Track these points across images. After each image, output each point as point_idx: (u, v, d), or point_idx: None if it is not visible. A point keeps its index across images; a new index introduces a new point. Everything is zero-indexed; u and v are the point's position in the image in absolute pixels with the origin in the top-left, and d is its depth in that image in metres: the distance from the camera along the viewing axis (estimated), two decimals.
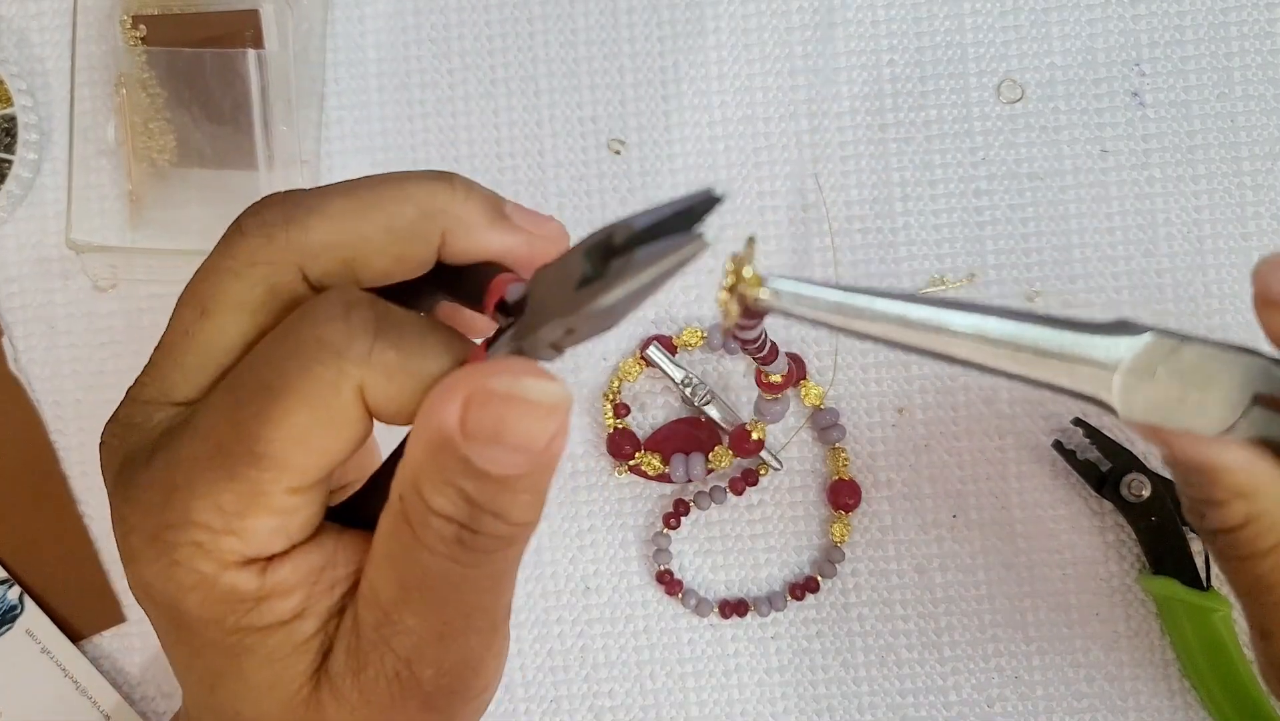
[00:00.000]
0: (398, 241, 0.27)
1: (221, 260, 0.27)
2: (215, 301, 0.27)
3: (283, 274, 0.27)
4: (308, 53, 0.50)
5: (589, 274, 0.22)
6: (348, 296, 0.25)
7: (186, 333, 0.27)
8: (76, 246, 0.48)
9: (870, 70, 0.50)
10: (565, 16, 0.51)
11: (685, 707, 0.50)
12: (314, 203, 0.27)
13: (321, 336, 0.24)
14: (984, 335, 0.22)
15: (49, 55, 0.52)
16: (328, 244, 0.26)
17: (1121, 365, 0.22)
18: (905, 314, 0.22)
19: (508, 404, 0.24)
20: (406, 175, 0.28)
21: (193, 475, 0.25)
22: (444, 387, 0.24)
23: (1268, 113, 0.49)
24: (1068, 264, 0.49)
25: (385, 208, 0.27)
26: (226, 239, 0.27)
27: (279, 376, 0.24)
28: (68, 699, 0.50)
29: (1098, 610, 0.49)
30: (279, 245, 0.26)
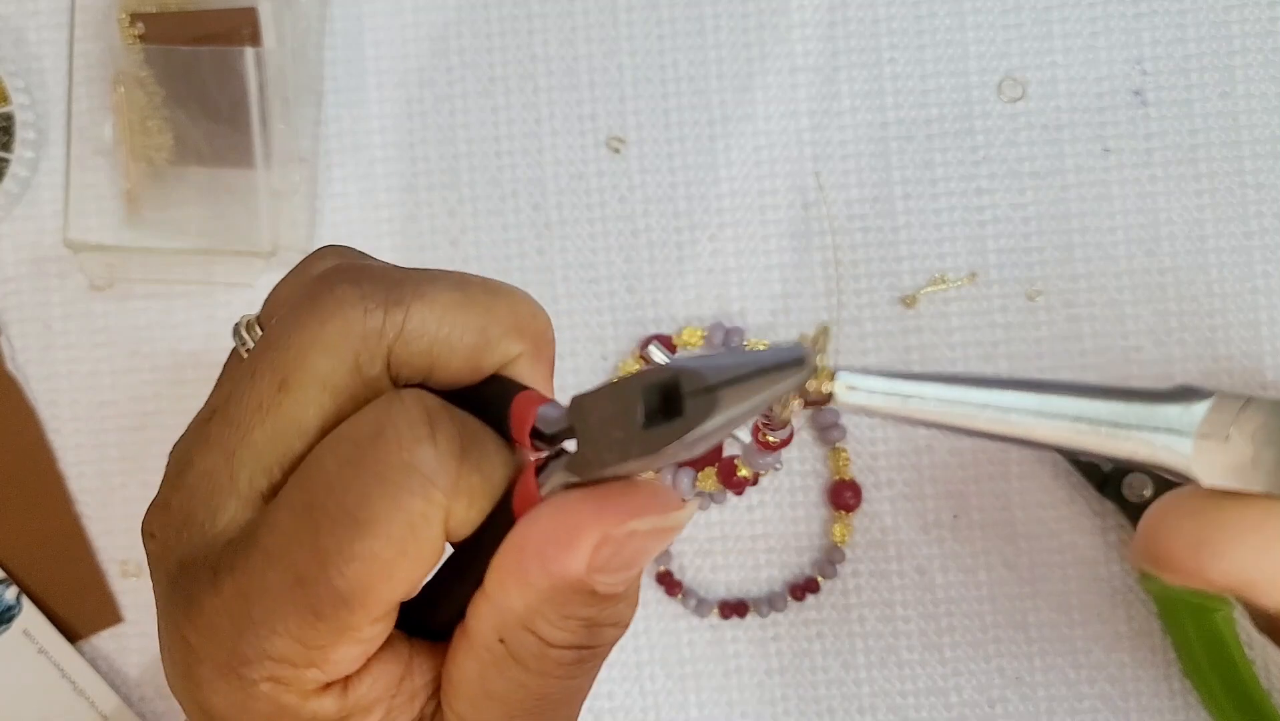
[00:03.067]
0: (485, 350, 0.25)
1: (310, 329, 0.24)
2: (298, 376, 0.24)
3: (373, 357, 0.24)
4: (306, 50, 0.50)
5: (652, 412, 0.21)
6: (428, 408, 0.23)
7: (259, 406, 0.24)
8: (73, 245, 0.48)
9: (871, 68, 0.50)
10: (564, 14, 0.50)
11: (685, 708, 0.50)
12: (420, 286, 0.24)
13: (410, 462, 0.22)
14: (1061, 417, 0.22)
15: (46, 53, 0.52)
16: (423, 334, 0.24)
17: (1193, 431, 0.22)
18: (984, 406, 0.22)
19: (649, 537, 0.23)
20: (510, 289, 0.26)
21: (272, 610, 0.23)
22: (557, 536, 0.22)
23: (1270, 111, 0.49)
24: (1069, 263, 0.49)
25: (490, 312, 0.25)
26: (317, 302, 0.24)
27: (365, 507, 0.22)
28: (65, 699, 0.50)
29: (1099, 610, 0.49)
30: (376, 325, 0.24)
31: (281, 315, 0.25)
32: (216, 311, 0.51)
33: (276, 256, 0.47)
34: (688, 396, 0.21)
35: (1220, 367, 0.49)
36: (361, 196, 0.51)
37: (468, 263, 0.50)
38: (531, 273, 0.50)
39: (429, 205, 0.51)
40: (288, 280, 0.27)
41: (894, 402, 0.22)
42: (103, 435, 0.51)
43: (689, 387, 0.21)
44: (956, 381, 0.22)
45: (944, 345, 0.49)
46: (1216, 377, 0.49)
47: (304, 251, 0.50)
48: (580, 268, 0.50)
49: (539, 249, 0.50)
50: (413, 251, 0.51)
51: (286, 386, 0.24)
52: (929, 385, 0.22)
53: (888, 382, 0.22)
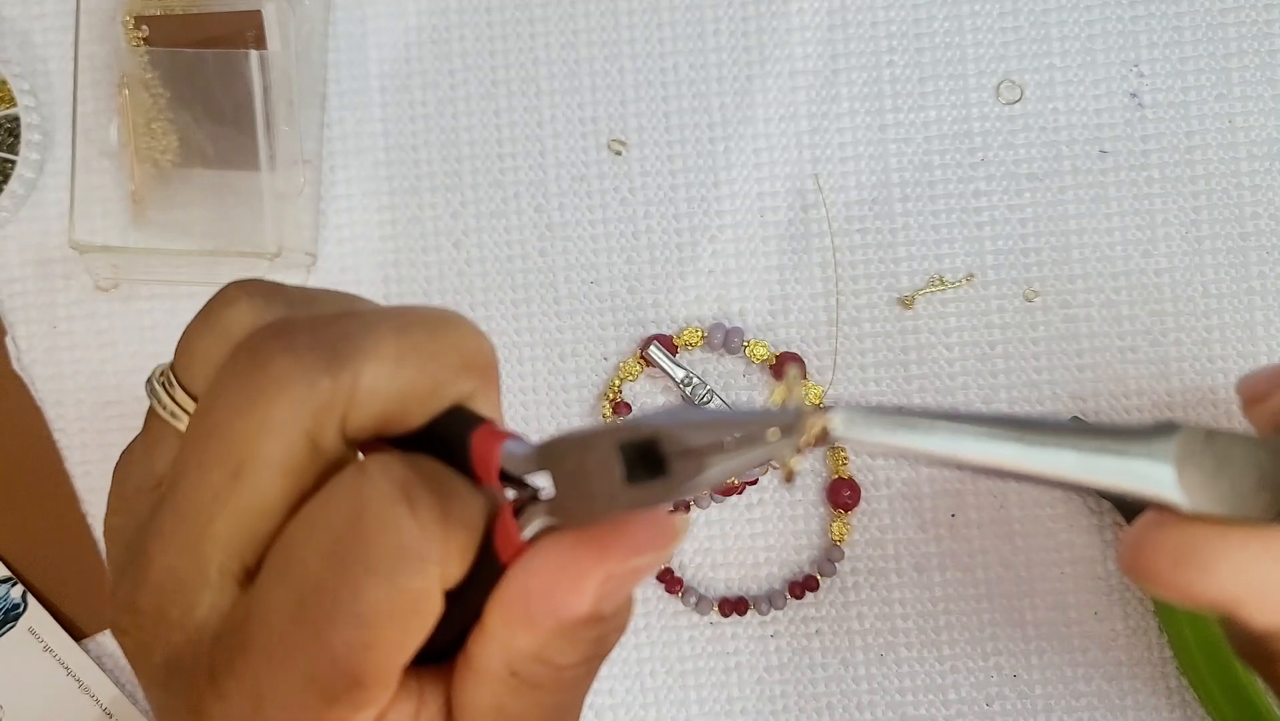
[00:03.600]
0: (438, 395, 0.23)
1: (254, 414, 0.22)
2: (252, 463, 0.22)
3: (325, 429, 0.22)
4: (310, 53, 0.50)
5: (632, 465, 0.21)
6: (399, 479, 0.22)
7: (215, 498, 0.22)
8: (79, 246, 0.48)
9: (870, 71, 0.50)
10: (566, 18, 0.51)
11: (685, 705, 0.50)
12: (362, 340, 0.22)
13: (398, 546, 0.21)
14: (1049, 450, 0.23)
15: (52, 56, 0.52)
16: (374, 395, 0.22)
17: (1173, 462, 0.23)
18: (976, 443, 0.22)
19: (652, 566, 0.22)
20: (454, 316, 0.24)
21: (286, 709, 0.22)
22: (561, 582, 0.22)
23: (1265, 113, 0.49)
24: (1066, 264, 0.49)
25: (437, 356, 0.23)
26: (254, 380, 0.22)
27: (362, 599, 0.21)
28: (70, 696, 0.51)
29: (1096, 609, 0.49)
30: (325, 396, 0.22)
31: (215, 390, 0.23)
32: None
33: (281, 258, 0.47)
34: (673, 456, 0.21)
35: (1216, 368, 0.49)
36: (365, 198, 0.51)
37: (470, 264, 0.51)
38: (533, 274, 0.51)
39: (432, 207, 0.51)
40: (201, 331, 0.24)
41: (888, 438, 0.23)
42: (108, 435, 0.52)
43: (673, 447, 0.21)
44: (950, 419, 0.22)
45: (942, 345, 0.49)
46: (1212, 377, 0.49)
47: (308, 252, 0.50)
48: (581, 269, 0.51)
49: (541, 250, 0.51)
50: (416, 253, 0.51)
51: (240, 474, 0.22)
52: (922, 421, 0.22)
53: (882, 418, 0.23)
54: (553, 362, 0.51)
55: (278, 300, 0.25)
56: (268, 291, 0.25)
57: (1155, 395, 0.49)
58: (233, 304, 0.24)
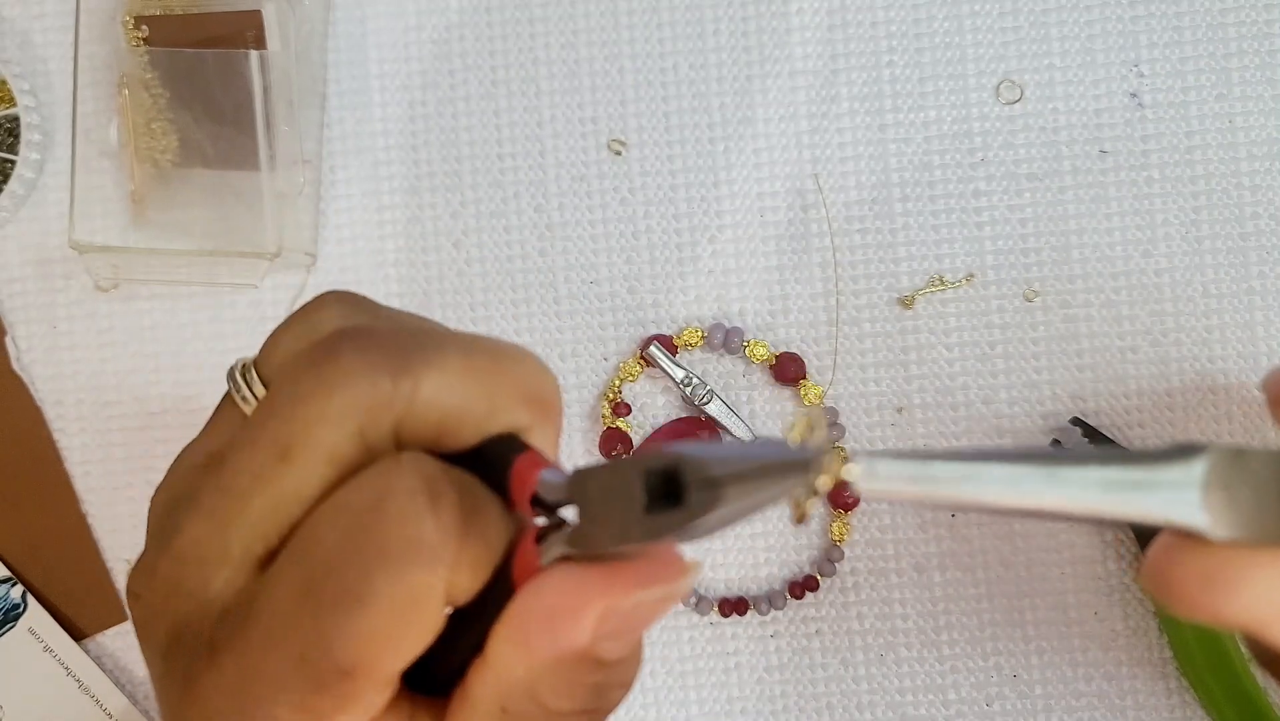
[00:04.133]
0: (493, 419, 0.24)
1: (315, 401, 0.23)
2: (302, 448, 0.23)
3: (379, 429, 0.23)
4: (309, 53, 0.50)
5: (654, 494, 0.21)
6: (428, 475, 0.22)
7: (259, 477, 0.23)
8: (79, 246, 0.48)
9: (869, 71, 0.50)
10: (566, 18, 0.51)
11: (685, 705, 0.50)
12: (430, 353, 0.23)
13: (413, 537, 0.22)
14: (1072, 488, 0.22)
15: (52, 56, 0.52)
16: (432, 405, 0.23)
17: (1198, 486, 0.23)
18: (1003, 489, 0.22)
19: (655, 605, 0.22)
20: (523, 351, 0.25)
21: (274, 687, 0.22)
22: (561, 607, 0.22)
23: (1265, 113, 0.49)
24: (1066, 264, 0.49)
25: (498, 381, 0.24)
26: (322, 371, 0.23)
27: (366, 582, 0.21)
28: (70, 697, 0.51)
29: (1096, 609, 0.49)
30: (384, 397, 0.23)
31: (284, 378, 0.24)
32: (221, 312, 0.51)
33: (281, 258, 0.47)
34: (691, 486, 0.21)
35: (1216, 368, 0.49)
36: (365, 198, 0.51)
37: (470, 264, 0.51)
38: (533, 274, 0.51)
39: (432, 207, 0.51)
40: (290, 329, 0.26)
41: (910, 487, 0.22)
42: (108, 435, 0.52)
43: (692, 476, 0.21)
44: (969, 459, 0.22)
45: (942, 345, 0.49)
46: (1212, 377, 0.49)
47: (308, 252, 0.50)
48: (581, 269, 0.51)
49: (541, 250, 0.51)
50: (416, 253, 0.51)
51: (289, 458, 0.23)
52: (942, 466, 0.22)
53: (903, 466, 0.22)
54: (553, 362, 0.51)
55: (365, 309, 0.26)
56: (358, 301, 0.26)
57: (1155, 395, 0.49)
58: (323, 307, 0.25)
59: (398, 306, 0.50)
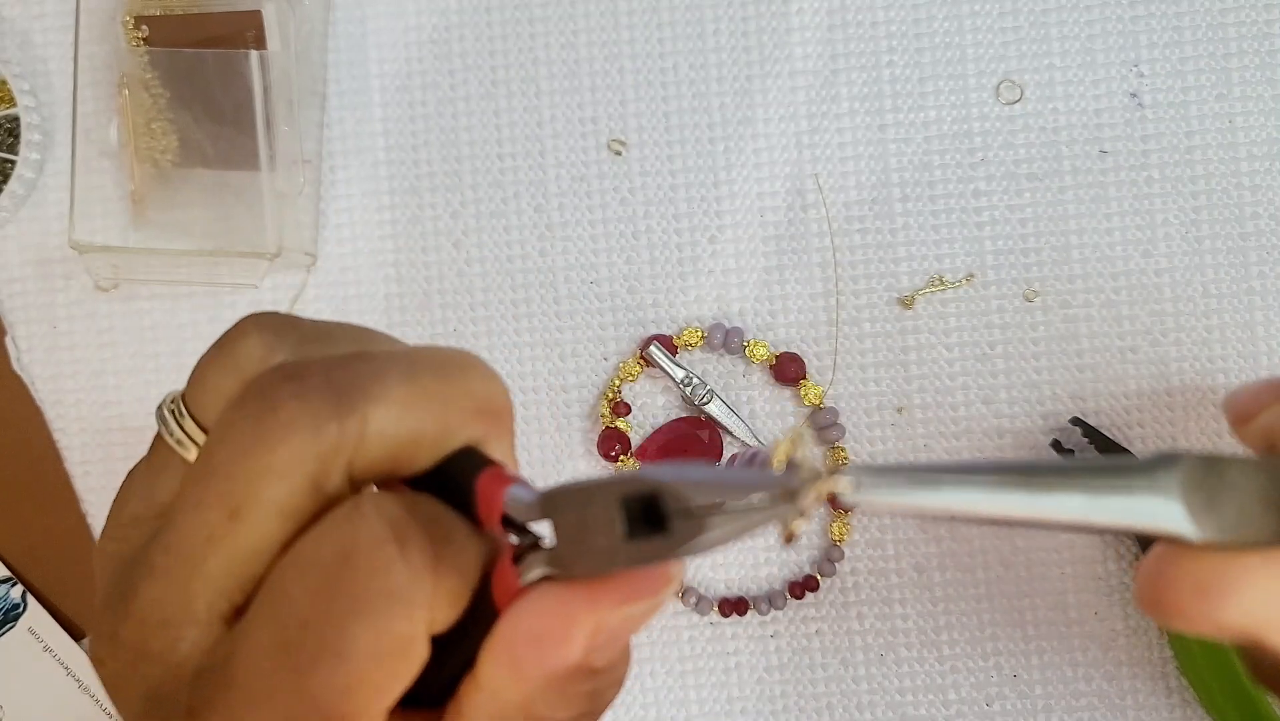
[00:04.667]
0: (447, 440, 0.23)
1: (258, 455, 0.22)
2: (251, 505, 0.22)
3: (330, 474, 0.22)
4: (309, 53, 0.50)
5: (634, 520, 0.21)
6: (392, 519, 0.22)
7: (210, 538, 0.22)
8: (79, 247, 0.48)
9: (869, 71, 0.50)
10: (566, 18, 0.51)
11: (685, 705, 0.50)
12: (371, 384, 0.22)
13: (386, 587, 0.21)
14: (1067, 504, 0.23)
15: (52, 56, 0.52)
16: (381, 440, 0.22)
17: (1178, 493, 0.23)
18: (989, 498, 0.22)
19: (644, 615, 0.22)
20: (467, 358, 0.24)
21: None
22: (551, 629, 0.22)
23: (1265, 113, 0.49)
24: (1066, 264, 0.49)
25: (447, 401, 0.23)
26: (261, 423, 0.22)
27: (345, 640, 0.21)
28: (70, 697, 0.51)
29: (1096, 609, 0.49)
30: (331, 443, 0.22)
31: (222, 430, 0.23)
32: (221, 312, 0.51)
33: (281, 258, 0.47)
34: (673, 515, 0.21)
35: (1216, 368, 0.49)
36: (365, 198, 0.51)
37: (470, 264, 0.51)
38: (533, 274, 0.51)
39: (432, 207, 0.51)
40: (213, 363, 0.24)
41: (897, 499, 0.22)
42: (108, 435, 0.52)
43: (675, 504, 0.21)
44: (956, 471, 0.22)
45: (941, 346, 0.49)
46: (1212, 377, 0.49)
47: (308, 252, 0.50)
48: (581, 269, 0.51)
49: (541, 250, 0.51)
50: (415, 253, 0.51)
51: (239, 516, 0.22)
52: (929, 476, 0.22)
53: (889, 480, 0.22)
54: (553, 363, 0.51)
55: (290, 335, 0.24)
56: (280, 326, 0.25)
57: (1155, 395, 0.49)
58: (245, 336, 0.24)
59: (398, 307, 0.50)
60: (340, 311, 0.51)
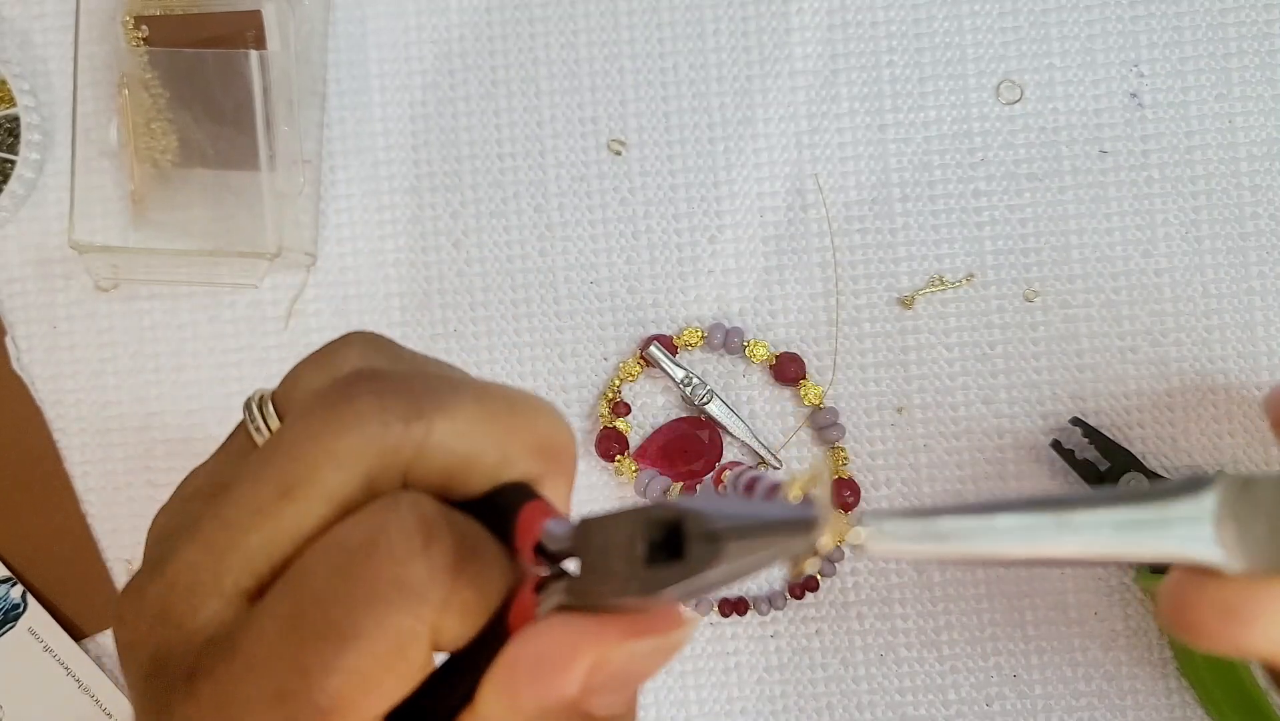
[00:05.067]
0: (504, 469, 0.24)
1: (324, 441, 0.22)
2: (306, 487, 0.22)
3: (388, 473, 0.23)
4: (309, 53, 0.50)
5: (655, 548, 0.21)
6: (425, 516, 0.22)
7: (259, 511, 0.22)
8: (79, 247, 0.48)
9: (869, 71, 0.50)
10: (566, 18, 0.51)
11: (685, 705, 0.50)
12: (444, 397, 0.23)
13: (402, 579, 0.21)
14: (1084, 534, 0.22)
15: (52, 56, 0.52)
16: (442, 453, 0.23)
17: (1210, 520, 0.23)
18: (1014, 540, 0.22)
19: (649, 658, 0.22)
20: (540, 401, 0.25)
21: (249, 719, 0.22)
22: (550, 657, 0.22)
23: (1265, 113, 0.49)
24: (1066, 264, 0.49)
25: (512, 431, 0.24)
26: (334, 412, 0.23)
27: (351, 621, 0.21)
28: (70, 697, 0.51)
29: (1096, 609, 0.49)
30: (395, 442, 0.22)
31: (297, 414, 0.23)
32: (221, 312, 0.51)
33: (281, 258, 0.47)
34: (692, 539, 0.21)
35: (1216, 368, 0.49)
36: (365, 198, 0.51)
37: (470, 264, 0.51)
38: (533, 274, 0.51)
39: (432, 207, 0.51)
40: (311, 364, 0.25)
41: (919, 546, 0.22)
42: (108, 435, 0.52)
43: (694, 530, 0.21)
44: (978, 511, 0.22)
45: (941, 346, 0.49)
46: (1212, 377, 0.49)
47: (308, 252, 0.50)
48: (581, 269, 0.51)
49: (541, 250, 0.51)
50: (416, 253, 0.51)
51: (291, 495, 0.22)
52: (951, 520, 0.22)
53: (911, 525, 0.22)
54: (553, 363, 0.51)
55: (387, 351, 0.26)
56: (381, 343, 0.26)
57: (1155, 395, 0.49)
58: (346, 345, 0.25)
59: (398, 307, 0.50)
60: (340, 311, 0.51)
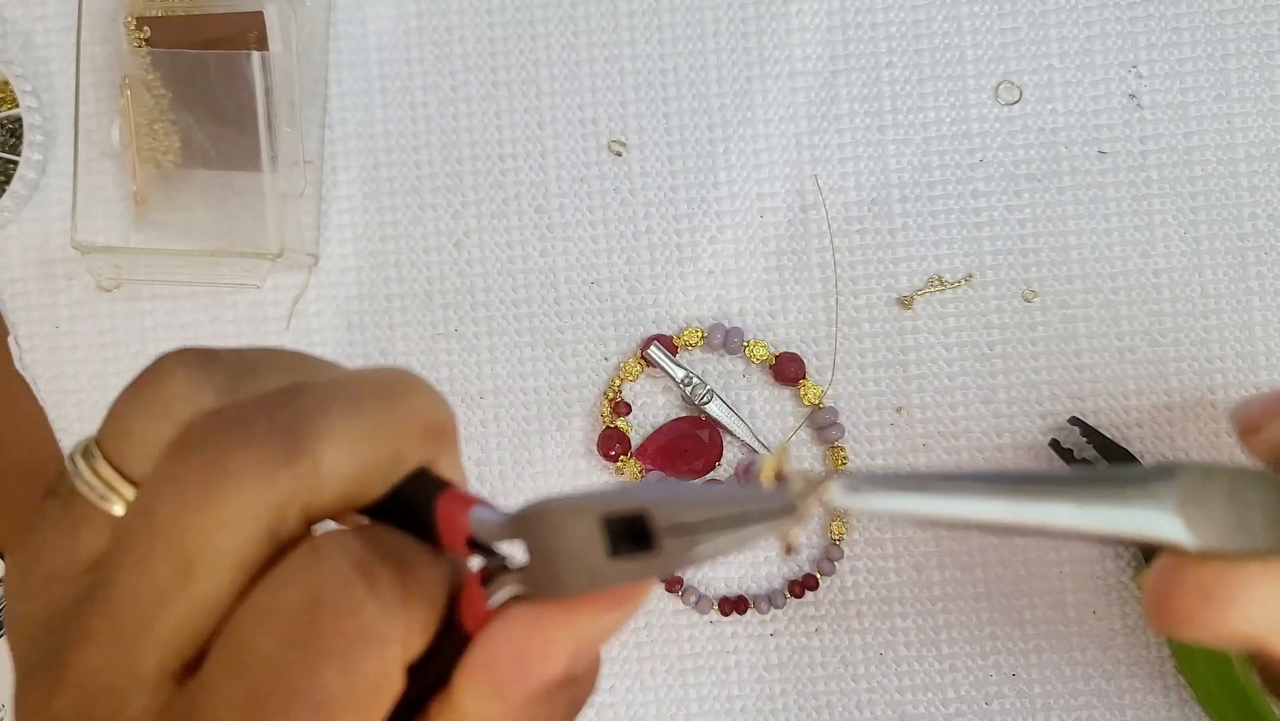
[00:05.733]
0: (399, 467, 0.23)
1: (207, 508, 0.21)
2: (204, 561, 0.21)
3: (286, 521, 0.21)
4: (311, 54, 0.50)
5: (616, 538, 0.21)
6: (357, 559, 0.21)
7: (160, 597, 0.21)
8: (81, 247, 0.48)
9: (869, 72, 0.50)
10: (566, 19, 0.51)
11: (686, 704, 0.50)
12: (316, 423, 0.21)
13: (360, 627, 0.20)
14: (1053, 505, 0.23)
15: (54, 57, 0.52)
16: (338, 475, 0.21)
17: (1175, 503, 0.23)
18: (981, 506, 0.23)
19: (622, 620, 0.22)
20: (408, 377, 0.23)
21: None
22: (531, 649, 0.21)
23: (1263, 114, 0.49)
24: (1065, 264, 0.49)
25: (396, 428, 0.22)
26: (205, 474, 0.21)
27: (321, 685, 0.20)
28: None
29: (1094, 608, 0.49)
30: (285, 489, 0.21)
31: (160, 483, 0.21)
32: (223, 313, 0.52)
33: (282, 258, 0.47)
34: (662, 533, 0.20)
35: (1214, 368, 0.49)
36: (367, 199, 0.51)
37: (471, 265, 0.51)
38: (534, 274, 0.51)
39: (433, 208, 0.51)
40: (137, 407, 0.23)
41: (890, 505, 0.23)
42: None
43: (663, 522, 0.20)
44: (948, 480, 0.23)
45: (941, 346, 0.50)
46: (1211, 377, 0.49)
47: (309, 253, 0.50)
48: (582, 269, 0.51)
49: (541, 251, 0.51)
50: (417, 254, 0.51)
51: (191, 573, 0.21)
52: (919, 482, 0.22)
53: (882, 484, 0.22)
54: (553, 362, 0.51)
55: (216, 370, 0.23)
56: (204, 361, 0.23)
57: (1154, 395, 0.49)
58: (170, 377, 0.23)
59: (399, 307, 0.50)
60: (341, 311, 0.51)
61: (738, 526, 0.20)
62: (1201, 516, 0.23)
